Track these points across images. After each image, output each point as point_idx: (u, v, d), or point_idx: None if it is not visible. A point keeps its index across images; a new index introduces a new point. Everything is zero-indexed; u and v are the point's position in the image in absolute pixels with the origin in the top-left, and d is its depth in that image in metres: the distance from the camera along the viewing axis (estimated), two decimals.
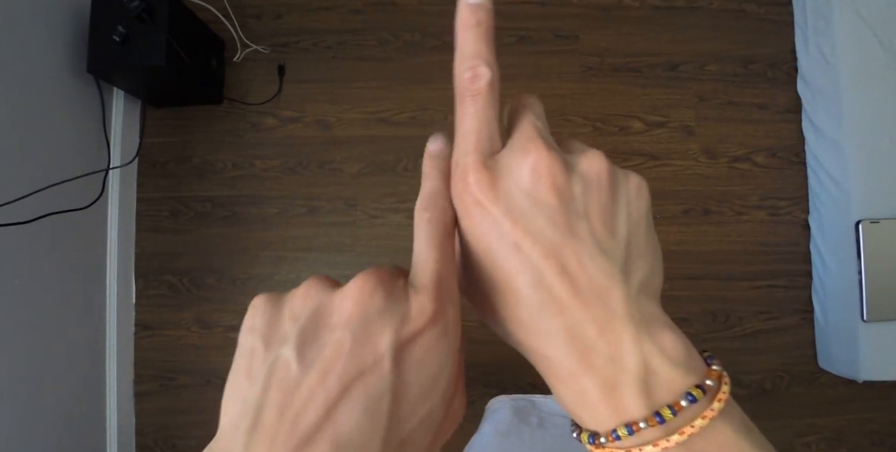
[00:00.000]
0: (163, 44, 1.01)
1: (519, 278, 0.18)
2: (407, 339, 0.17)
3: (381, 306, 0.17)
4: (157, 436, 1.22)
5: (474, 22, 0.21)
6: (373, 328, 0.17)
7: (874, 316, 1.11)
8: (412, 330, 0.17)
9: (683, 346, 0.18)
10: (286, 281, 1.26)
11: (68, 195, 0.98)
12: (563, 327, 0.18)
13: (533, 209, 0.18)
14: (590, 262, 0.18)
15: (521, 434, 0.61)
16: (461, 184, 0.19)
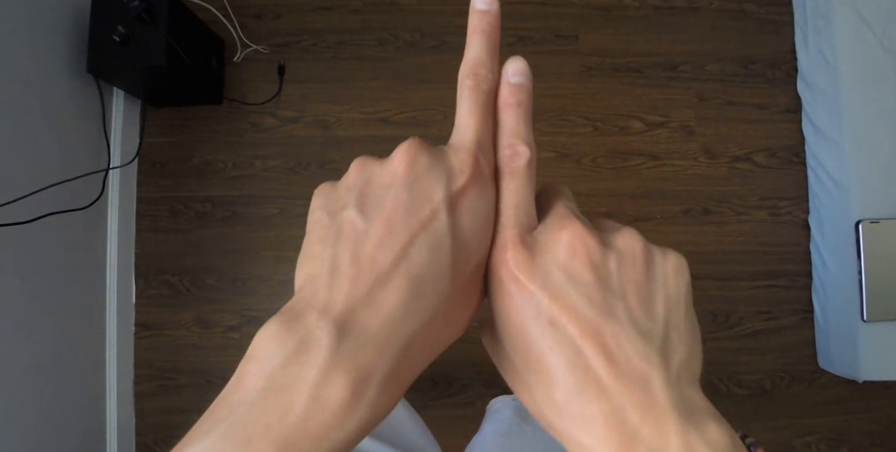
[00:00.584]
0: (163, 44, 1.01)
1: (555, 357, 0.17)
2: (457, 191, 0.19)
3: (427, 165, 0.19)
4: (157, 436, 1.22)
5: (514, 102, 0.22)
6: (425, 183, 0.19)
7: (874, 316, 1.11)
8: (460, 183, 0.19)
9: (729, 437, 0.17)
10: (286, 281, 1.26)
11: (68, 195, 0.98)
12: (602, 412, 0.17)
13: (569, 285, 0.18)
14: (627, 344, 0.17)
15: (523, 433, 0.61)
16: (499, 259, 0.19)
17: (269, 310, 1.25)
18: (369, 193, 0.19)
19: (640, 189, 1.29)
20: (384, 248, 0.17)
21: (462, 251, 0.18)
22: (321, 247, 0.19)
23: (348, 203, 0.19)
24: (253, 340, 0.17)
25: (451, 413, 1.20)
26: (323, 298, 0.17)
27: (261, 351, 0.17)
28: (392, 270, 0.17)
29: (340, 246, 0.18)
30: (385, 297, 0.17)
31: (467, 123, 0.21)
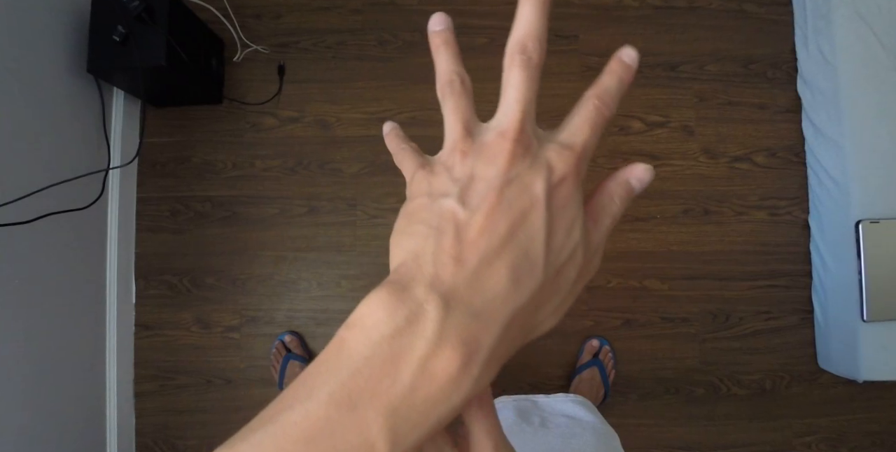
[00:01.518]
0: (163, 44, 1.01)
1: None
2: (554, 185, 0.20)
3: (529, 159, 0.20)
4: (157, 436, 1.22)
5: None
6: (526, 177, 0.20)
7: (874, 316, 1.11)
8: (558, 177, 0.20)
9: None
10: (286, 281, 1.26)
11: (68, 195, 0.98)
12: None
13: None
14: None
15: (524, 433, 0.61)
16: None
17: (269, 310, 1.25)
18: (472, 185, 0.20)
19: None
20: (485, 236, 0.19)
21: (555, 242, 0.20)
22: (424, 228, 0.20)
23: (450, 192, 0.20)
24: (357, 308, 0.18)
25: None
26: (429, 273, 0.18)
27: (368, 319, 0.17)
28: (493, 256, 0.18)
29: (444, 230, 0.19)
30: (487, 279, 0.18)
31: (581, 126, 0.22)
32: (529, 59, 0.21)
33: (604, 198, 0.23)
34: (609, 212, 0.22)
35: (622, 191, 0.23)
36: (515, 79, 0.21)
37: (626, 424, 1.23)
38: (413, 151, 0.26)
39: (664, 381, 1.25)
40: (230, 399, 1.22)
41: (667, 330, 1.26)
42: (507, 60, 0.22)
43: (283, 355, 1.19)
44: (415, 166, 0.24)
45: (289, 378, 1.17)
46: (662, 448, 1.24)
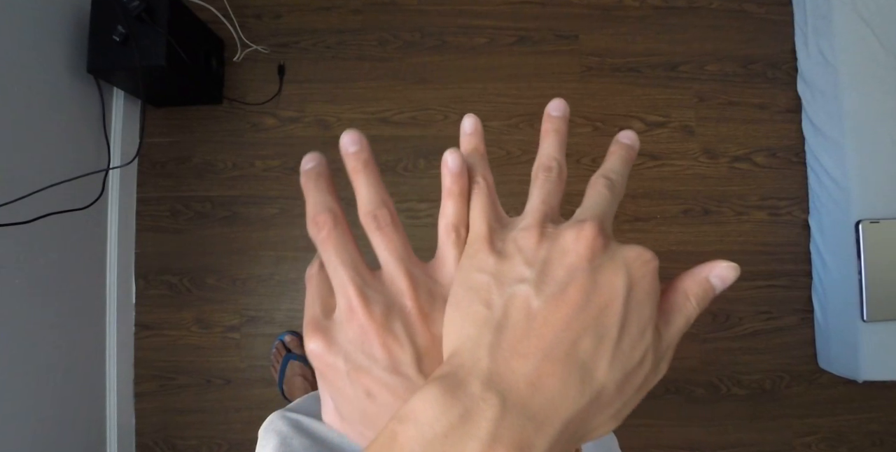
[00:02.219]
0: (163, 44, 1.01)
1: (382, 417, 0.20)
2: (635, 281, 0.19)
3: (609, 250, 0.19)
4: (157, 436, 1.22)
5: None
6: (608, 270, 0.19)
7: (874, 316, 1.11)
8: (641, 273, 0.19)
9: None
10: (286, 281, 1.26)
11: (68, 195, 0.98)
12: None
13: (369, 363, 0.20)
14: None
15: None
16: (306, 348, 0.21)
17: (269, 310, 1.25)
18: (551, 272, 0.19)
19: (640, 189, 1.29)
20: (554, 330, 0.18)
21: (625, 343, 0.19)
22: (486, 312, 0.19)
23: (526, 277, 0.19)
24: (410, 401, 0.17)
25: None
26: (486, 368, 0.17)
27: (421, 414, 0.17)
28: (560, 353, 0.18)
29: (509, 319, 0.18)
30: (548, 378, 0.17)
31: None
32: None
33: (678, 296, 0.21)
34: (683, 312, 0.21)
35: (700, 290, 0.21)
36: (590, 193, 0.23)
37: (626, 424, 1.22)
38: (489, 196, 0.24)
39: (664, 381, 1.25)
40: (230, 399, 1.22)
41: None
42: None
43: (284, 355, 1.19)
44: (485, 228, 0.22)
45: (289, 378, 1.17)
46: (662, 448, 1.24)
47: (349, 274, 0.21)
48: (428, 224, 1.27)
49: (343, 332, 0.20)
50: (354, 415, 0.21)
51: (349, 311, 0.20)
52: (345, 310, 0.21)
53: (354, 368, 0.20)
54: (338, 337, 0.20)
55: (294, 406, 0.61)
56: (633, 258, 0.19)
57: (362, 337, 0.20)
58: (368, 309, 0.20)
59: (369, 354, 0.20)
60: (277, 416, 0.55)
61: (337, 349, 0.20)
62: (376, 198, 0.22)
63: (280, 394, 1.18)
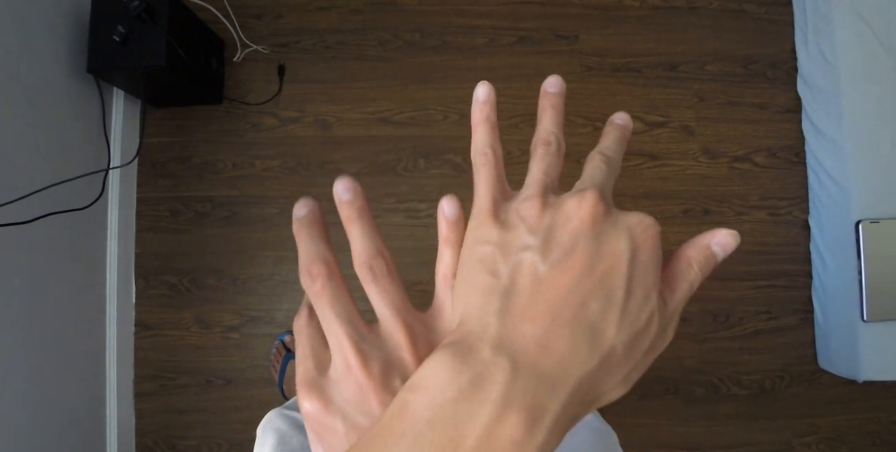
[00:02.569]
0: (163, 44, 1.01)
1: None
2: (638, 245, 0.20)
3: (612, 216, 0.20)
4: (157, 436, 1.22)
5: None
6: (611, 235, 0.19)
7: (874, 316, 1.11)
8: (643, 238, 0.20)
9: None
10: (286, 281, 1.26)
11: (68, 195, 0.98)
12: None
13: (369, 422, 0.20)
14: None
15: None
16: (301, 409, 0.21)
17: (269, 310, 1.25)
18: (555, 239, 0.19)
19: (640, 189, 1.29)
20: (560, 294, 0.18)
21: (632, 306, 0.19)
22: (492, 281, 0.19)
23: (530, 245, 0.19)
24: (420, 369, 0.17)
25: None
26: (495, 333, 0.17)
27: (431, 381, 0.17)
28: (568, 315, 0.18)
29: (517, 285, 0.18)
30: (558, 339, 0.17)
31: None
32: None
33: (681, 264, 0.22)
34: (687, 278, 0.21)
35: (702, 257, 0.22)
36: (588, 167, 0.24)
37: (626, 424, 1.23)
38: (496, 169, 0.24)
39: (664, 381, 1.25)
40: (230, 399, 1.22)
41: None
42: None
43: (284, 355, 1.19)
44: (489, 201, 0.22)
45: (289, 378, 1.17)
46: (662, 448, 1.24)
47: (345, 329, 0.20)
48: (427, 224, 1.27)
49: (340, 391, 0.20)
50: None
51: (346, 369, 0.20)
52: (341, 368, 0.20)
53: (353, 428, 0.19)
54: (334, 396, 0.20)
55: (293, 404, 0.61)
56: (635, 223, 0.20)
57: (360, 396, 0.19)
58: (366, 366, 0.19)
59: (368, 413, 0.19)
60: (276, 414, 0.55)
61: (334, 409, 0.20)
62: (372, 249, 0.21)
63: (280, 394, 1.18)
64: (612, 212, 0.20)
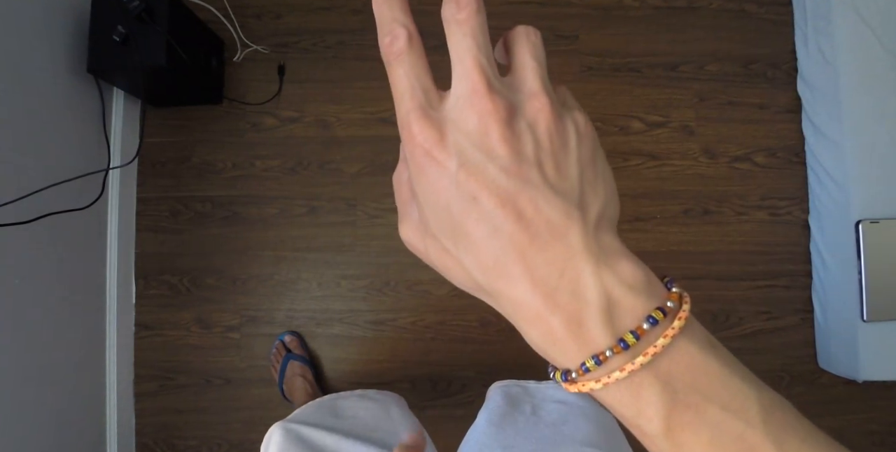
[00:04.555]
0: (163, 44, 1.01)
1: (478, 228, 0.19)
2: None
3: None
4: (157, 436, 1.22)
5: None
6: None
7: (874, 316, 1.11)
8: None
9: (642, 273, 0.19)
10: (286, 281, 1.26)
11: (68, 195, 0.98)
12: (525, 271, 0.18)
13: (485, 160, 0.19)
14: (545, 205, 0.18)
15: (515, 423, 0.61)
16: (410, 142, 0.19)
17: (269, 310, 1.25)
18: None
19: (640, 189, 1.29)
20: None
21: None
22: None
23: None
24: None
25: (450, 414, 1.20)
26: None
27: None
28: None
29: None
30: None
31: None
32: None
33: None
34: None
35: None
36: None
37: None
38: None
39: None
40: (230, 399, 1.22)
41: None
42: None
43: (283, 355, 1.19)
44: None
45: (288, 378, 1.17)
46: None
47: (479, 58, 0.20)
48: None
49: (457, 124, 0.19)
50: (445, 226, 0.20)
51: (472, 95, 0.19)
52: (466, 94, 0.19)
53: (466, 166, 0.18)
54: (449, 128, 0.19)
55: (294, 416, 0.62)
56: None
57: (482, 128, 0.19)
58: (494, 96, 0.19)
59: (487, 150, 0.19)
60: (277, 428, 0.56)
61: (450, 143, 0.19)
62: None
63: (280, 394, 1.18)
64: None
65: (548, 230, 0.18)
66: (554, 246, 0.18)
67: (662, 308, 0.18)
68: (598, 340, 0.18)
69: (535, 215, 0.18)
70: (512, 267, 0.18)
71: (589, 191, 0.20)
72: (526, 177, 0.19)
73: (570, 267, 0.18)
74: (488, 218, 0.18)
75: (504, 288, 0.19)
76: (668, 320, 0.18)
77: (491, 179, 0.18)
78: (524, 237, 0.18)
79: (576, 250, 0.18)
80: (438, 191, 0.19)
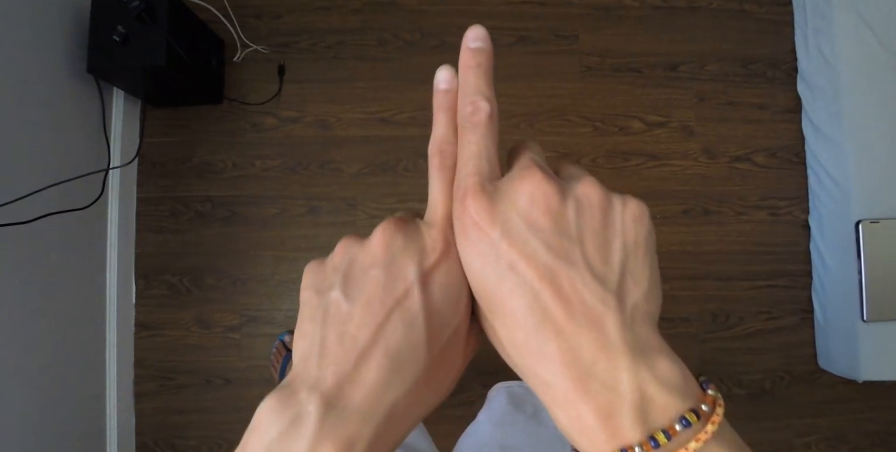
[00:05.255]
0: (163, 44, 1.01)
1: (515, 300, 0.19)
2: (428, 268, 0.20)
3: (402, 245, 0.21)
4: (157, 436, 1.22)
5: (474, 63, 0.22)
6: (400, 263, 0.20)
7: (874, 316, 1.11)
8: (431, 260, 0.20)
9: (679, 372, 0.19)
10: (286, 281, 1.26)
11: (68, 195, 0.98)
12: (559, 351, 0.18)
13: (528, 232, 0.19)
14: (583, 287, 0.18)
15: (516, 423, 0.61)
16: (460, 207, 0.20)
17: (269, 310, 1.25)
18: (352, 274, 0.21)
19: (640, 189, 1.29)
20: (364, 327, 0.19)
21: (436, 322, 0.20)
22: (311, 326, 0.21)
23: (334, 283, 0.21)
24: (256, 412, 0.19)
25: (450, 413, 1.20)
26: (314, 376, 0.19)
27: (260, 423, 0.19)
28: (371, 347, 0.19)
29: (328, 327, 0.20)
30: (366, 372, 0.19)
31: (437, 200, 0.22)
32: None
33: None
34: None
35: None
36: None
37: None
38: None
39: None
40: (230, 399, 1.22)
41: (667, 329, 1.26)
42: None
43: (283, 355, 1.19)
44: None
45: None
46: None
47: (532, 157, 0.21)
48: None
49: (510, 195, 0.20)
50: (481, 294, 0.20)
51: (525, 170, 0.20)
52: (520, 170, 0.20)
53: (509, 235, 0.19)
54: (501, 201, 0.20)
55: None
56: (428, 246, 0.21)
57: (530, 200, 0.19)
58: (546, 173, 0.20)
59: (532, 221, 0.19)
60: None
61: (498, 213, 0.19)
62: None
63: None
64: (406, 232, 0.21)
65: (583, 312, 0.18)
66: (589, 331, 0.18)
67: (696, 410, 0.18)
68: (628, 434, 0.17)
69: (572, 294, 0.18)
70: (546, 345, 0.18)
71: (629, 280, 0.19)
72: (566, 254, 0.19)
73: (604, 357, 0.18)
74: (525, 289, 0.18)
75: (535, 365, 0.19)
76: (702, 423, 0.18)
77: (531, 250, 0.18)
78: (562, 314, 0.18)
79: (612, 340, 0.18)
80: (477, 257, 0.20)
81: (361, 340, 0.19)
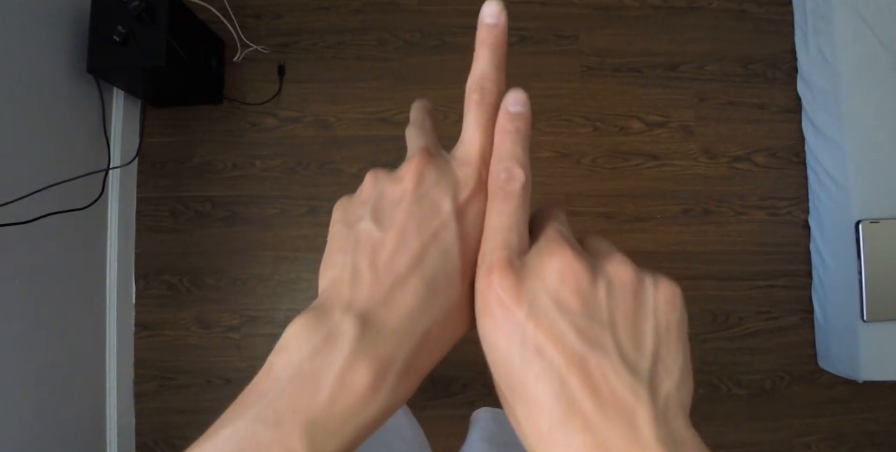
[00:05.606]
0: (163, 44, 1.01)
1: (540, 386, 0.17)
2: (463, 202, 0.21)
3: (435, 178, 0.21)
4: (157, 436, 1.22)
5: (513, 128, 0.22)
6: (434, 195, 0.20)
7: (874, 316, 1.11)
8: (465, 195, 0.21)
9: None
10: (286, 281, 1.26)
11: (68, 195, 0.98)
12: (586, 445, 0.16)
13: (557, 312, 0.18)
14: (613, 375, 0.17)
15: (508, 445, 0.61)
16: (485, 281, 0.19)
17: (269, 310, 1.25)
18: (382, 207, 0.21)
19: (640, 189, 1.29)
20: (399, 255, 0.19)
21: (469, 254, 0.20)
22: (342, 256, 0.20)
23: (364, 215, 0.21)
24: (283, 333, 0.19)
25: (450, 413, 1.20)
26: (346, 297, 0.19)
27: (291, 342, 0.18)
28: (408, 274, 0.19)
29: (359, 254, 0.20)
30: (402, 297, 0.19)
31: (473, 137, 0.22)
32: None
33: None
34: None
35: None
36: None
37: None
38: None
39: None
40: (230, 399, 1.21)
41: None
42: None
43: None
44: None
45: None
46: None
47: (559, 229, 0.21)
48: None
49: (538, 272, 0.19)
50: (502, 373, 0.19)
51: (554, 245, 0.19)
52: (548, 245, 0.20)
53: (536, 316, 0.18)
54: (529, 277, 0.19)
55: None
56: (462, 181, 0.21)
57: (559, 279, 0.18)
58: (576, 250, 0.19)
59: (561, 301, 0.18)
60: None
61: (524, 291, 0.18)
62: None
63: None
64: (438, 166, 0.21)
65: (613, 404, 0.16)
66: (620, 425, 0.16)
67: None
68: None
69: (602, 383, 0.17)
70: (572, 438, 0.16)
71: (661, 368, 0.18)
72: (597, 339, 0.17)
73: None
74: (553, 375, 0.17)
75: None
76: None
77: (560, 333, 0.17)
78: (591, 405, 0.16)
79: (643, 436, 0.16)
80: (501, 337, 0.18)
81: (396, 267, 0.19)
